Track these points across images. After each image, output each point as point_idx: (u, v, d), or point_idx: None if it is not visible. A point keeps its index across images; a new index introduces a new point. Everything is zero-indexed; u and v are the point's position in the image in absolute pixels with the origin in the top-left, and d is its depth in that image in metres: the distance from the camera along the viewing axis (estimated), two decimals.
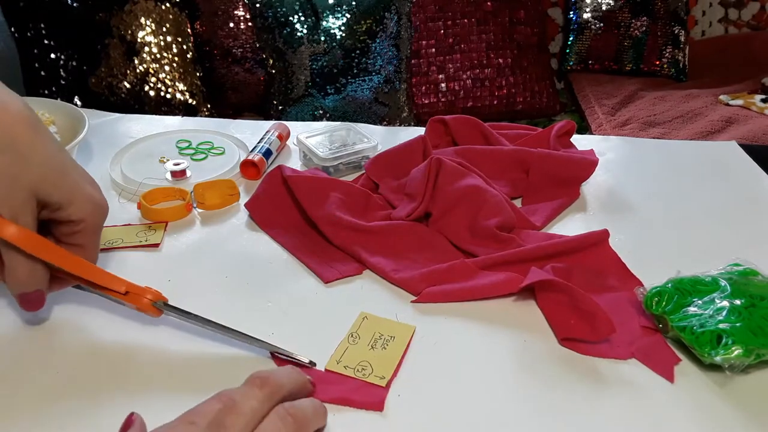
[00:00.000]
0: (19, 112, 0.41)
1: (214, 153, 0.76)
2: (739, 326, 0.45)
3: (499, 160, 0.70)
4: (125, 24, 1.55)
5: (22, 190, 0.40)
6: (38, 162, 0.41)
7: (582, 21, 1.94)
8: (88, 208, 0.44)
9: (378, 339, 0.48)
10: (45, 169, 0.41)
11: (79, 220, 0.43)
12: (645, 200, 0.69)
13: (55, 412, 0.42)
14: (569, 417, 0.42)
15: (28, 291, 0.43)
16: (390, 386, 0.44)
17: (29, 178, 0.40)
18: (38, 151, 0.41)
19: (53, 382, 0.44)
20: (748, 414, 0.43)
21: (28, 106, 0.42)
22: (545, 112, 1.89)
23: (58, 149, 0.43)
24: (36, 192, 0.41)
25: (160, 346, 0.47)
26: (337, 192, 0.61)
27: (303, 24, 1.58)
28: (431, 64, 1.80)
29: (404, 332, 0.49)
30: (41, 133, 0.42)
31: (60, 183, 0.42)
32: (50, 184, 0.41)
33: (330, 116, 1.62)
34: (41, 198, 0.41)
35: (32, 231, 0.41)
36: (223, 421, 0.35)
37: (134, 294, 0.45)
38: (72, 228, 0.44)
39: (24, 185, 0.40)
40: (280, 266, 0.57)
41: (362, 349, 0.47)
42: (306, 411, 0.38)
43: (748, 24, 2.07)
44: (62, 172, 0.43)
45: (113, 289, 0.45)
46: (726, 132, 1.54)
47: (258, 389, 0.37)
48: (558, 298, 0.50)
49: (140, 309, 0.46)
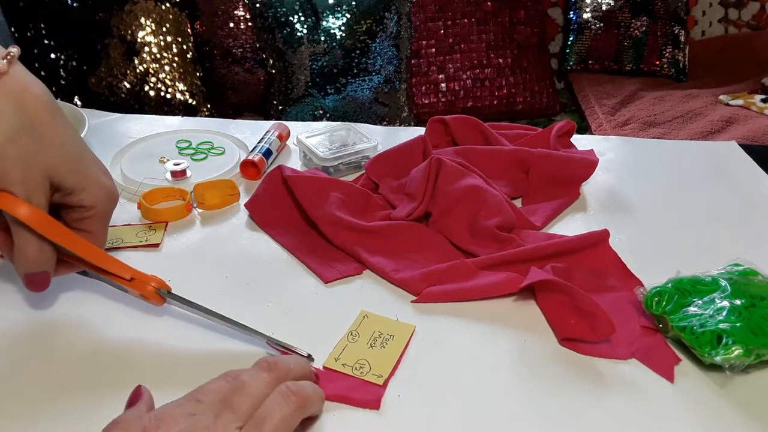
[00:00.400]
0: (40, 95, 0.42)
1: (214, 153, 0.76)
2: (739, 326, 0.45)
3: (499, 160, 0.70)
4: (125, 24, 1.55)
5: (38, 170, 0.41)
6: (56, 145, 0.42)
7: (582, 21, 1.94)
8: (100, 195, 0.45)
9: (377, 338, 0.48)
10: (62, 153, 0.42)
11: (90, 206, 0.44)
12: (645, 200, 0.69)
13: (55, 409, 0.42)
14: (569, 417, 0.42)
15: (35, 271, 0.44)
16: (387, 385, 0.44)
17: (46, 159, 0.41)
18: (56, 134, 0.42)
19: (53, 378, 0.44)
20: (748, 414, 0.43)
21: (49, 93, 0.43)
22: (545, 112, 1.89)
23: (75, 136, 0.44)
24: (51, 174, 0.42)
25: (161, 340, 0.48)
26: (337, 192, 0.61)
27: (303, 24, 1.58)
28: (431, 64, 1.80)
29: (404, 331, 0.49)
30: (60, 118, 0.43)
31: (75, 168, 0.43)
32: (65, 168, 0.42)
33: (330, 116, 1.62)
34: (55, 181, 0.42)
35: (44, 212, 0.42)
36: (231, 400, 0.35)
37: (139, 281, 0.46)
38: (82, 213, 0.44)
39: (40, 166, 0.41)
40: (280, 266, 0.57)
41: (361, 347, 0.47)
42: (307, 390, 0.39)
43: (748, 24, 2.07)
44: (78, 157, 0.43)
45: (119, 275, 0.45)
46: (726, 132, 1.54)
47: (266, 372, 0.38)
48: (558, 298, 0.50)
49: (144, 296, 0.46)
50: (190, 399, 0.35)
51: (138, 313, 0.50)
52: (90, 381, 0.44)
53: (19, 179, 0.40)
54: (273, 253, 0.59)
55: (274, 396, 0.37)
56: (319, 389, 0.41)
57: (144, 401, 0.37)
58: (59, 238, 0.43)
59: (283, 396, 0.37)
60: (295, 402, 0.37)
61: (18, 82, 0.41)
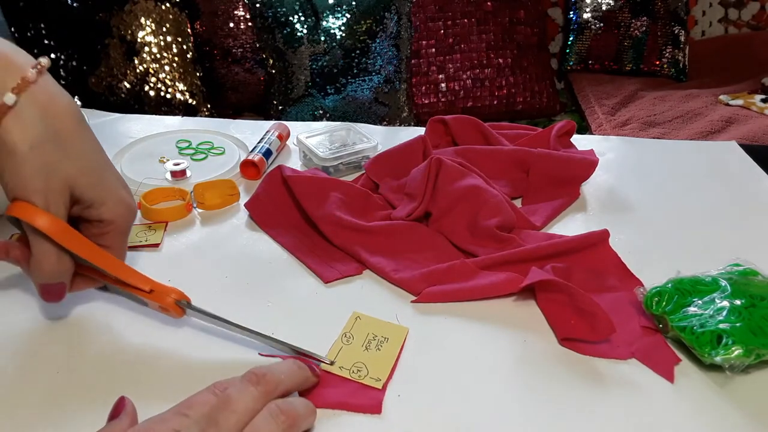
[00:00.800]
0: (67, 106, 0.42)
1: (214, 153, 0.76)
2: (739, 326, 0.45)
3: (499, 160, 0.70)
4: (125, 24, 1.55)
5: (59, 180, 0.41)
6: (79, 156, 0.42)
7: (582, 21, 1.94)
8: (119, 209, 0.44)
9: (372, 340, 0.48)
10: (84, 164, 0.42)
11: (109, 221, 0.44)
12: (645, 200, 0.69)
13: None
14: (569, 417, 0.42)
15: (52, 282, 0.43)
16: (386, 388, 0.44)
17: (67, 170, 0.41)
18: (80, 145, 0.42)
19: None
20: (748, 414, 0.43)
21: (76, 105, 0.43)
22: (545, 112, 1.89)
23: (98, 149, 0.44)
24: (71, 186, 0.42)
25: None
26: (337, 192, 0.61)
27: (303, 24, 1.58)
28: (431, 64, 1.80)
29: (398, 334, 0.49)
30: (85, 130, 0.43)
31: (95, 181, 0.43)
32: (86, 180, 0.42)
33: (330, 116, 1.62)
34: (76, 193, 0.42)
35: (64, 221, 0.42)
36: (216, 417, 0.34)
37: (159, 293, 0.45)
38: (101, 228, 0.44)
39: (61, 176, 0.41)
40: (280, 266, 0.57)
41: (356, 349, 0.47)
42: (298, 409, 0.38)
43: (748, 24, 2.07)
44: (99, 170, 0.43)
45: (138, 287, 0.45)
46: (726, 132, 1.54)
47: (254, 386, 0.37)
48: (558, 298, 0.50)
49: (163, 308, 0.46)
50: (177, 413, 0.34)
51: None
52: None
53: (39, 188, 0.40)
54: (273, 253, 0.59)
55: (263, 415, 0.36)
56: (310, 405, 0.40)
57: (127, 413, 0.36)
58: (78, 248, 0.42)
59: (272, 415, 0.36)
60: (285, 422, 0.36)
61: (46, 91, 0.41)
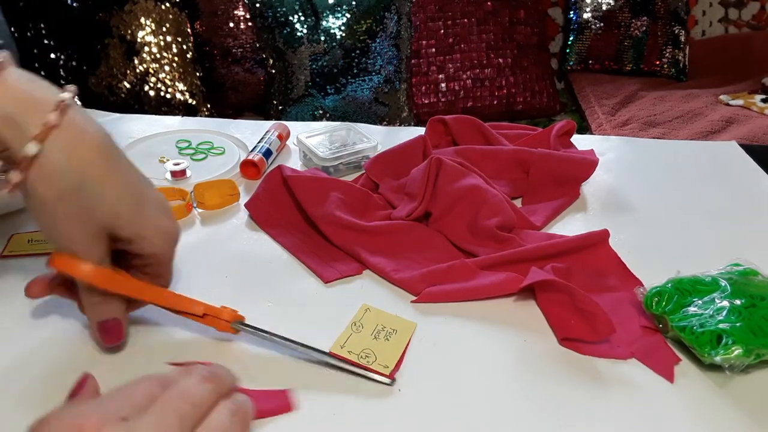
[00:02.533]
0: (95, 142, 0.40)
1: (214, 153, 0.76)
2: (739, 326, 0.45)
3: (499, 160, 0.70)
4: (125, 24, 1.55)
5: (93, 227, 0.40)
6: (110, 198, 0.40)
7: (582, 21, 1.94)
8: (158, 241, 0.43)
9: (381, 330, 0.49)
10: (117, 205, 0.41)
11: (149, 255, 0.43)
12: (645, 200, 0.69)
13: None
14: (569, 417, 0.42)
15: (107, 318, 0.44)
16: (392, 376, 0.44)
17: (101, 214, 0.40)
18: (111, 187, 0.40)
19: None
20: (748, 414, 0.43)
21: (106, 135, 0.41)
22: (545, 112, 1.89)
23: (131, 181, 0.42)
24: (108, 227, 0.41)
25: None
26: (337, 192, 0.61)
27: (303, 24, 1.58)
28: (431, 64, 1.80)
29: (406, 327, 0.49)
30: (115, 164, 0.41)
31: (131, 218, 0.41)
32: (121, 221, 0.41)
33: (330, 116, 1.62)
34: (113, 233, 0.41)
35: (105, 267, 0.42)
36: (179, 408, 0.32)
37: (211, 317, 0.46)
38: (144, 261, 0.44)
39: (95, 222, 0.40)
40: (280, 266, 0.57)
41: (365, 337, 0.48)
42: (249, 411, 0.37)
43: (748, 24, 2.07)
44: (135, 205, 0.42)
45: (191, 313, 0.46)
46: (726, 132, 1.54)
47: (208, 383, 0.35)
48: (558, 298, 0.50)
49: (218, 330, 0.46)
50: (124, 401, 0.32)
51: None
52: None
53: (74, 237, 0.40)
54: (273, 253, 0.59)
55: (221, 412, 0.34)
56: (252, 403, 0.38)
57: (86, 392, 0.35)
58: (124, 289, 0.43)
59: (231, 413, 0.35)
60: (239, 423, 0.35)
61: (71, 131, 0.39)
